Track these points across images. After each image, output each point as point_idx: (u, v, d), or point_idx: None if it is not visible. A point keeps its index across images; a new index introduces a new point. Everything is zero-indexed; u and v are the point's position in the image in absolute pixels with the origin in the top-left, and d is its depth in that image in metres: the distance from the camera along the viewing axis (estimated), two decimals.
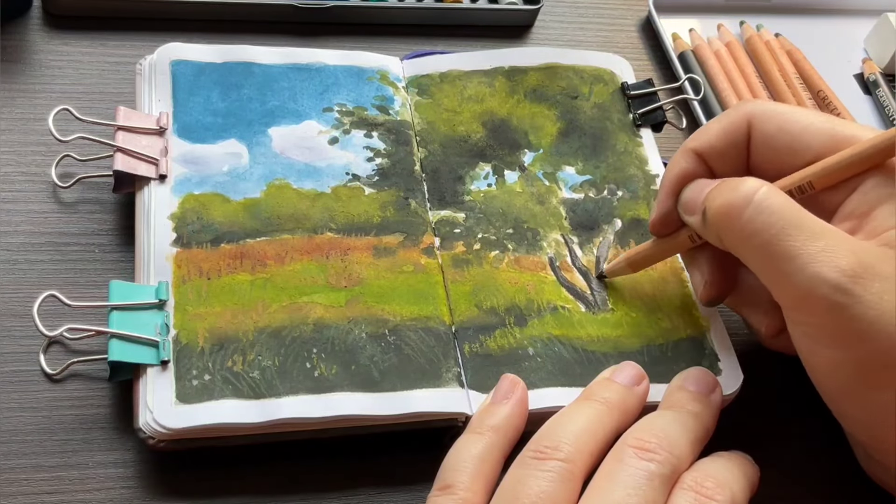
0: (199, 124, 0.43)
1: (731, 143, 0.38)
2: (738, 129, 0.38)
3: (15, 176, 0.43)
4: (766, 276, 0.34)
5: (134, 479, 0.36)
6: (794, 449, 0.41)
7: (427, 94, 0.47)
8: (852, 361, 0.33)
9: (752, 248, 0.34)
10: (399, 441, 0.38)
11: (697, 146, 0.39)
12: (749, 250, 0.35)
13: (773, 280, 0.34)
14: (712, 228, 0.36)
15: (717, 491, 0.32)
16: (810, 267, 0.32)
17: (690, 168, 0.38)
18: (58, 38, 0.48)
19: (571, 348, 0.40)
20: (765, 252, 0.34)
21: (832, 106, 0.54)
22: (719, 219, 0.35)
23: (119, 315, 0.37)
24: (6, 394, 0.37)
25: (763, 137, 0.37)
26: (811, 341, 0.34)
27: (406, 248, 0.42)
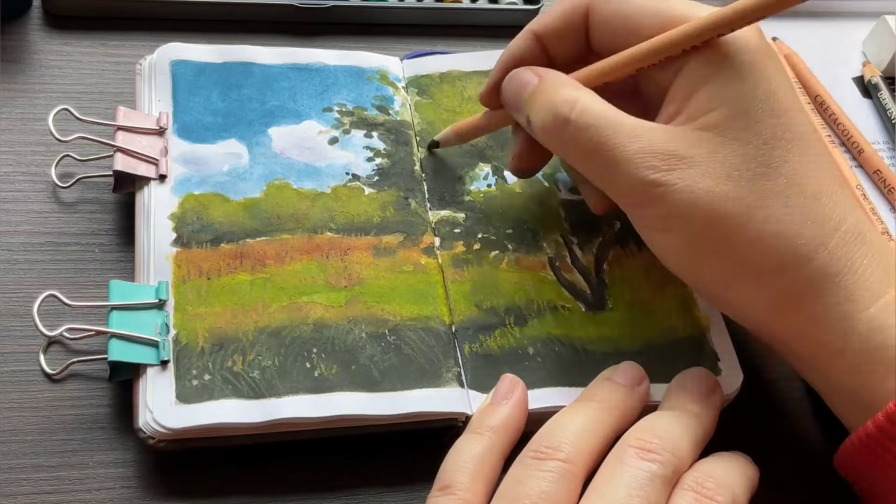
0: (199, 124, 0.43)
1: (569, 26, 0.39)
2: (577, 11, 0.39)
3: (15, 176, 0.43)
4: (596, 181, 0.38)
5: (134, 479, 0.36)
6: (794, 450, 0.41)
7: (427, 95, 0.47)
8: (679, 242, 0.36)
9: (576, 160, 0.37)
10: (399, 441, 0.38)
11: (536, 28, 0.40)
12: (574, 161, 0.38)
13: (602, 184, 0.37)
14: (538, 137, 0.38)
15: (717, 491, 0.32)
16: (629, 171, 0.35)
17: (526, 49, 0.40)
18: (58, 38, 0.48)
19: (571, 348, 0.40)
20: (589, 163, 0.37)
21: (829, 111, 0.54)
22: (543, 134, 0.37)
23: (119, 315, 0.37)
24: (6, 394, 0.37)
25: (600, 19, 0.38)
26: (646, 231, 0.37)
27: (406, 247, 0.42)
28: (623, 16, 0.37)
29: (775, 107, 0.35)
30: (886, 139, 0.54)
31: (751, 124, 0.34)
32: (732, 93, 0.35)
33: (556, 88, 0.37)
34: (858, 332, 0.34)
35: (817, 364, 0.36)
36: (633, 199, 0.36)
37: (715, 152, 0.34)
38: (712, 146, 0.34)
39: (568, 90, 0.37)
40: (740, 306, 0.37)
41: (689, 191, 0.34)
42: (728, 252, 0.35)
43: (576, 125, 0.36)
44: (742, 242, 0.34)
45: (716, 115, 0.35)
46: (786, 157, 0.35)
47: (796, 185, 0.35)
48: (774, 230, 0.34)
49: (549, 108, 0.37)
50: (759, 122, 0.34)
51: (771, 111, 0.35)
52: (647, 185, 0.35)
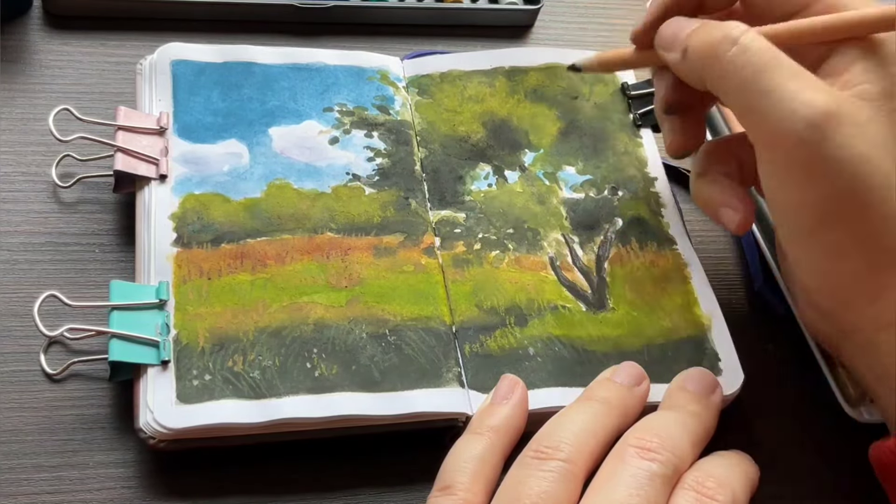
0: (200, 124, 0.43)
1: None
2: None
3: (15, 176, 0.43)
4: (744, 112, 0.36)
5: (134, 479, 0.36)
6: (794, 449, 0.41)
7: (427, 94, 0.47)
8: (815, 199, 0.35)
9: (732, 85, 0.35)
10: (399, 441, 0.38)
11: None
12: (729, 87, 0.36)
13: (751, 115, 0.35)
14: (694, 66, 0.37)
15: (718, 491, 0.32)
16: (787, 103, 0.34)
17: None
18: (58, 38, 0.48)
19: (572, 348, 0.40)
20: (745, 88, 0.35)
21: None
22: (701, 56, 0.36)
23: (119, 315, 0.37)
24: (6, 394, 0.37)
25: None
26: (778, 180, 0.36)
27: (406, 247, 0.42)
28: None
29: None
30: None
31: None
32: (889, 73, 0.35)
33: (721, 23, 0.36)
34: None
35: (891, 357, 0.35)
36: (781, 139, 0.34)
37: (871, 121, 0.34)
38: (869, 114, 0.34)
39: (736, 24, 0.36)
40: (842, 284, 0.36)
41: (844, 147, 0.33)
42: (860, 222, 0.34)
43: (740, 48, 0.35)
44: (877, 216, 0.34)
45: (871, 87, 0.34)
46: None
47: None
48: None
49: (717, 29, 0.36)
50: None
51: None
52: (804, 123, 0.33)
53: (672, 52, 0.38)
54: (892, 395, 0.36)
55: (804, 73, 0.34)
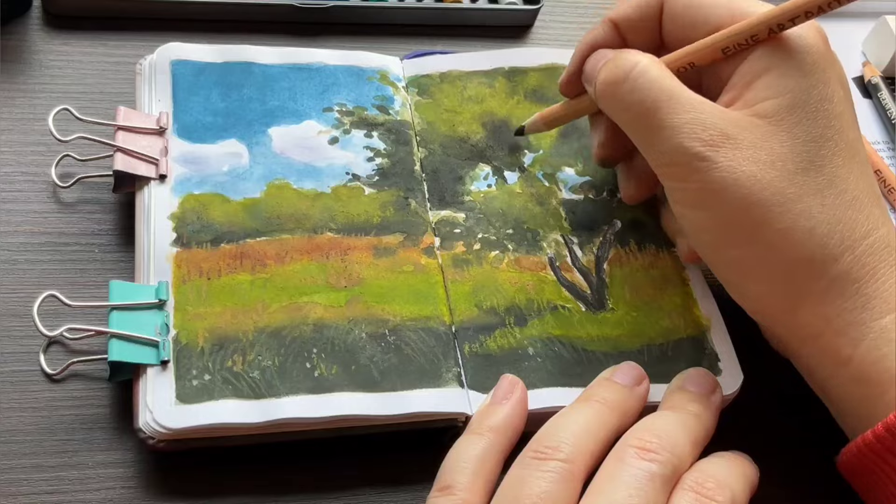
0: (199, 124, 0.43)
1: (644, 16, 0.40)
2: (652, 2, 0.40)
3: (15, 176, 0.43)
4: (640, 145, 0.38)
5: (134, 479, 0.36)
6: (793, 450, 0.41)
7: (427, 94, 0.47)
8: (712, 221, 0.36)
9: (628, 120, 0.38)
10: (399, 441, 0.38)
11: (614, 16, 0.41)
12: (626, 121, 0.38)
13: (645, 149, 0.37)
14: (599, 100, 0.39)
15: (717, 491, 0.32)
16: (675, 138, 0.35)
17: (604, 37, 0.41)
18: (58, 38, 0.48)
19: (571, 348, 0.40)
20: (638, 124, 0.37)
21: None
22: (602, 91, 0.38)
23: (119, 315, 0.37)
24: (6, 394, 0.37)
25: (672, 11, 0.39)
26: (679, 205, 0.37)
27: (406, 248, 0.42)
28: (693, 9, 0.38)
29: (829, 109, 0.36)
30: (886, 139, 0.54)
31: (803, 120, 0.35)
32: (791, 85, 0.35)
33: (626, 53, 0.38)
34: (868, 340, 0.35)
35: (824, 368, 0.36)
36: (674, 170, 0.36)
37: (764, 140, 0.35)
38: (762, 133, 0.35)
39: (633, 54, 0.38)
40: (759, 297, 0.37)
41: (731, 171, 0.35)
42: (758, 238, 0.35)
43: (632, 84, 0.37)
44: (774, 231, 0.35)
45: (771, 104, 0.35)
46: (831, 158, 0.35)
47: (835, 187, 0.35)
48: (807, 225, 0.35)
49: (613, 66, 0.38)
50: (810, 120, 0.35)
51: (825, 112, 0.35)
52: (690, 156, 0.35)
53: (590, 86, 0.40)
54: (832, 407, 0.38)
55: (695, 104, 0.36)
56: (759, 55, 0.36)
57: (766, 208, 0.35)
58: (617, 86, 0.37)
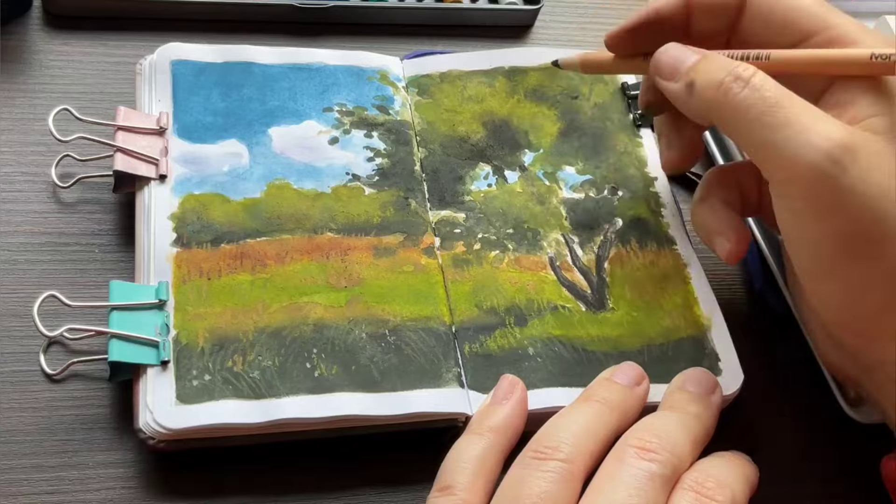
0: (200, 124, 0.43)
1: (726, 2, 0.38)
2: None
3: (15, 176, 0.43)
4: (757, 147, 0.35)
5: (134, 479, 0.36)
6: (793, 449, 0.41)
7: (427, 94, 0.47)
8: (835, 234, 0.34)
9: (745, 121, 0.35)
10: (399, 441, 0.38)
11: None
12: (741, 123, 0.35)
13: (765, 150, 0.34)
14: (701, 103, 0.36)
15: (717, 491, 0.32)
16: (804, 135, 0.33)
17: (672, 10, 0.39)
18: (58, 38, 0.48)
19: (571, 348, 0.40)
20: (759, 123, 0.34)
21: None
22: (709, 95, 0.35)
23: (119, 315, 0.37)
24: (6, 394, 0.37)
25: (761, 6, 0.37)
26: (796, 215, 0.35)
27: (406, 248, 0.42)
28: (786, 9, 0.37)
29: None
30: None
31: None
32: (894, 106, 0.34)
33: (731, 61, 0.36)
34: None
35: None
36: (797, 175, 0.33)
37: (882, 154, 0.33)
38: (881, 146, 0.33)
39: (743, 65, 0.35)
40: (866, 317, 0.35)
41: (863, 180, 0.33)
42: (881, 255, 0.33)
43: (752, 87, 0.34)
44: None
45: (880, 120, 0.34)
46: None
47: None
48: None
49: (727, 68, 0.35)
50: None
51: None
52: (822, 156, 0.33)
53: (672, 83, 0.37)
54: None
55: (816, 109, 0.34)
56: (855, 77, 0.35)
57: (891, 223, 0.33)
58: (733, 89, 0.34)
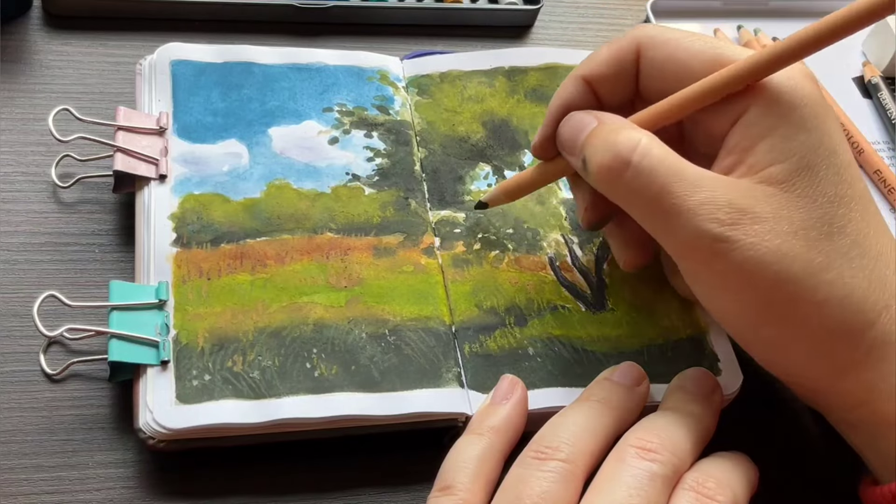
0: (200, 124, 0.43)
1: (619, 70, 0.37)
2: (627, 55, 0.37)
3: (15, 176, 0.43)
4: (652, 231, 0.35)
5: (134, 479, 0.36)
6: (793, 449, 0.41)
7: (427, 94, 0.47)
8: (741, 302, 0.34)
9: (634, 207, 0.35)
10: (399, 441, 0.38)
11: (585, 73, 0.38)
12: (632, 208, 0.35)
13: (659, 234, 0.35)
14: (594, 183, 0.36)
15: (718, 491, 0.32)
16: (691, 222, 0.33)
17: (576, 95, 0.38)
18: (58, 38, 0.48)
19: (571, 348, 0.40)
20: (648, 211, 0.34)
21: None
22: (600, 178, 0.35)
23: (119, 315, 0.37)
24: (6, 394, 0.37)
25: (651, 64, 0.37)
26: (703, 288, 0.35)
27: (406, 248, 0.42)
28: (676, 59, 0.36)
29: (838, 163, 0.33)
30: (886, 139, 0.54)
31: (816, 181, 0.33)
32: (797, 146, 0.33)
33: (617, 129, 0.35)
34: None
35: (869, 429, 0.35)
36: (693, 254, 0.34)
37: (781, 208, 0.33)
38: (778, 202, 0.33)
39: (628, 131, 0.35)
40: (799, 372, 0.36)
41: (754, 248, 0.32)
42: (792, 315, 0.33)
43: (636, 169, 0.33)
44: (809, 305, 0.33)
45: (780, 168, 0.33)
46: (849, 216, 0.33)
47: (860, 245, 0.33)
48: (841, 293, 0.33)
49: (609, 148, 0.34)
50: (823, 179, 0.33)
51: (835, 168, 0.33)
52: (710, 239, 0.33)
53: (574, 158, 0.37)
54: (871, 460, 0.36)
55: (704, 180, 0.33)
56: (755, 115, 0.34)
57: (797, 283, 0.33)
58: (619, 172, 0.34)
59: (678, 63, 0.36)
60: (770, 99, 0.34)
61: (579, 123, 0.37)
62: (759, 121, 0.34)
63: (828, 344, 0.34)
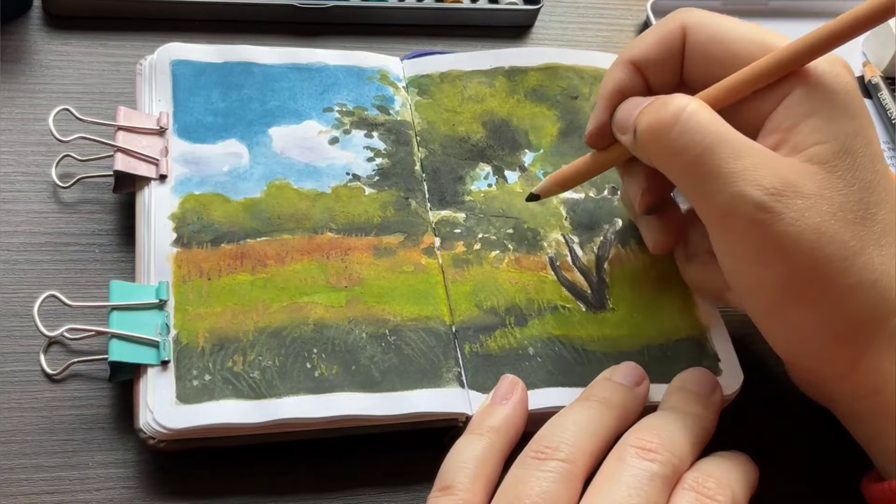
0: (200, 124, 0.43)
1: (666, 53, 0.37)
2: (674, 38, 0.37)
3: (15, 176, 0.43)
4: (692, 193, 0.35)
5: (134, 479, 0.36)
6: (794, 449, 0.41)
7: (427, 94, 0.47)
8: (773, 278, 0.34)
9: (678, 167, 0.35)
10: (399, 441, 0.38)
11: (633, 56, 0.38)
12: (676, 168, 0.35)
13: (699, 198, 0.35)
14: (642, 147, 0.36)
15: (718, 491, 0.32)
16: (734, 185, 0.33)
17: (627, 80, 0.38)
18: (58, 38, 0.48)
19: (572, 348, 0.40)
20: (691, 170, 0.34)
21: None
22: (648, 138, 0.35)
23: (119, 315, 0.37)
24: (6, 394, 0.37)
25: (696, 46, 0.37)
26: (735, 260, 0.35)
27: (406, 248, 0.42)
28: (721, 42, 0.36)
29: (873, 153, 0.34)
30: (886, 139, 0.54)
31: (855, 165, 0.33)
32: (840, 129, 0.33)
33: (670, 98, 0.35)
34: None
35: (876, 423, 0.35)
36: (731, 221, 0.34)
37: (823, 188, 0.33)
38: (821, 182, 0.33)
39: (680, 98, 0.35)
40: (817, 356, 0.35)
41: (796, 224, 0.32)
42: (823, 297, 0.33)
43: (684, 126, 0.33)
44: (840, 288, 0.33)
45: (824, 149, 0.33)
46: (881, 204, 0.34)
47: (889, 234, 0.34)
48: (871, 279, 0.33)
49: (657, 111, 0.35)
50: (861, 166, 0.33)
51: (870, 157, 0.34)
52: (752, 206, 0.32)
53: (626, 135, 0.37)
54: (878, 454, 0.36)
55: (751, 149, 0.33)
56: (799, 96, 0.34)
57: (832, 264, 0.32)
58: (665, 130, 0.34)
59: (724, 46, 0.36)
60: (814, 83, 0.34)
61: (635, 103, 0.37)
62: (803, 102, 0.34)
63: (851, 329, 0.34)
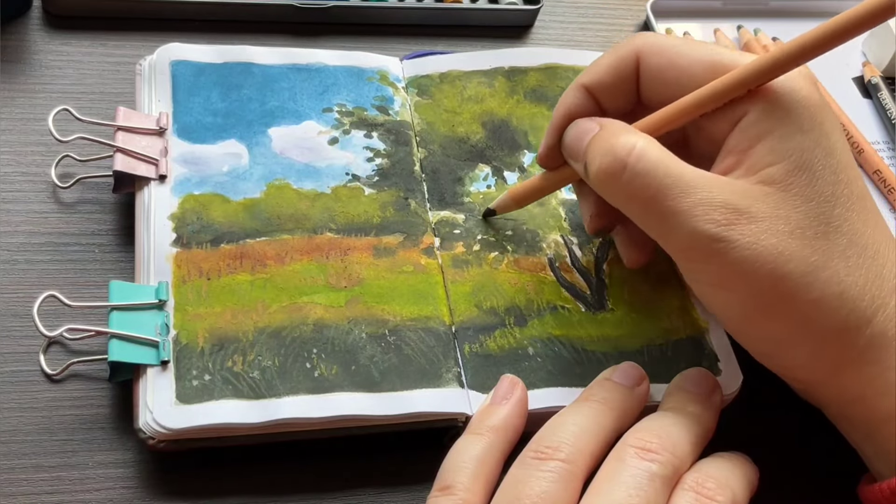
0: (199, 124, 0.43)
1: (620, 78, 0.38)
2: (626, 64, 0.38)
3: (15, 176, 0.43)
4: (650, 232, 0.36)
5: (134, 479, 0.36)
6: (793, 449, 0.41)
7: (427, 95, 0.47)
8: (739, 300, 0.35)
9: (632, 210, 0.36)
10: (399, 441, 0.38)
11: (587, 81, 0.38)
12: (631, 211, 0.36)
13: (657, 236, 0.36)
14: (597, 188, 0.37)
15: (718, 491, 0.32)
16: (687, 224, 0.34)
17: (579, 104, 0.38)
18: (58, 38, 0.48)
19: (571, 348, 0.40)
20: (645, 212, 0.35)
21: None
22: (598, 182, 0.36)
23: (119, 315, 0.37)
24: (6, 394, 0.37)
25: (651, 72, 0.37)
26: (701, 285, 0.36)
27: (406, 248, 0.42)
28: (676, 66, 0.36)
29: (835, 164, 0.34)
30: (886, 139, 0.54)
31: (813, 180, 0.34)
32: (794, 147, 0.34)
33: (616, 133, 0.36)
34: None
35: (867, 425, 0.36)
36: (691, 254, 0.35)
37: (778, 208, 0.33)
38: (775, 202, 0.33)
39: (627, 135, 0.35)
40: (797, 367, 0.36)
41: (751, 247, 0.33)
42: (790, 313, 0.34)
43: (632, 171, 0.34)
44: (806, 303, 0.33)
45: (778, 168, 0.34)
46: (845, 215, 0.34)
47: (856, 244, 0.34)
48: (837, 291, 0.33)
49: (607, 152, 0.35)
50: (820, 179, 0.34)
51: (832, 168, 0.34)
52: (706, 239, 0.33)
53: (577, 164, 0.37)
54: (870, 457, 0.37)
55: (698, 181, 0.34)
56: (755, 116, 0.34)
57: (793, 280, 0.33)
58: (617, 175, 0.35)
59: (678, 69, 0.36)
60: (769, 102, 0.34)
61: (582, 130, 0.37)
62: (757, 123, 0.34)
63: (825, 341, 0.34)
